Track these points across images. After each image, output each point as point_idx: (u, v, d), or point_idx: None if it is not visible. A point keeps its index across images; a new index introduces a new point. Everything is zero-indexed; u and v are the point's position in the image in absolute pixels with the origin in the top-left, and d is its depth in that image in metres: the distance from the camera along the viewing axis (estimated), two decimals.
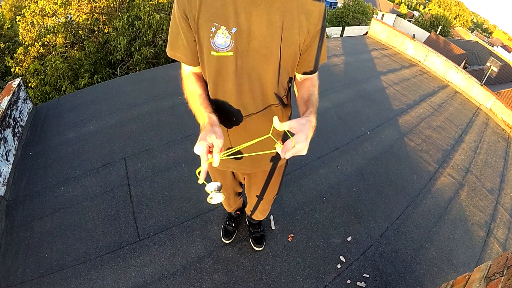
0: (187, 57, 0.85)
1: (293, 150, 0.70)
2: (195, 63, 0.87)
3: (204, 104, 0.83)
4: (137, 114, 3.01)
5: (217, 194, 0.74)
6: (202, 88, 0.88)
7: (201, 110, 0.81)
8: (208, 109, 0.81)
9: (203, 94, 0.86)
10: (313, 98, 0.88)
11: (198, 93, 0.86)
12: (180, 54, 0.85)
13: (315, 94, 0.90)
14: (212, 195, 0.74)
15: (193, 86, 0.88)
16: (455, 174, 3.17)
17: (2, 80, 8.47)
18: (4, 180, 2.15)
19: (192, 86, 0.88)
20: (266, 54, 0.80)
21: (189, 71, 0.91)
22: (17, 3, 11.90)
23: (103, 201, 2.09)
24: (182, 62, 0.88)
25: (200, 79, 0.91)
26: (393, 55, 6.37)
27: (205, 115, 0.78)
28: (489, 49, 20.61)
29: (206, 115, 0.78)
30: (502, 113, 5.13)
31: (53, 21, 6.56)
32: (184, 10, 0.76)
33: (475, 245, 2.40)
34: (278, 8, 0.76)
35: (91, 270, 1.68)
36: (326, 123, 3.32)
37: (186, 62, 0.87)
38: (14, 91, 2.68)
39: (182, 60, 0.87)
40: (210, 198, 0.74)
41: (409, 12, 34.07)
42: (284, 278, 1.75)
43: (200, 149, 0.68)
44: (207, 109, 0.81)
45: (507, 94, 11.73)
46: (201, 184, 0.69)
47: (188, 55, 0.85)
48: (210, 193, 0.74)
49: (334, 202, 2.33)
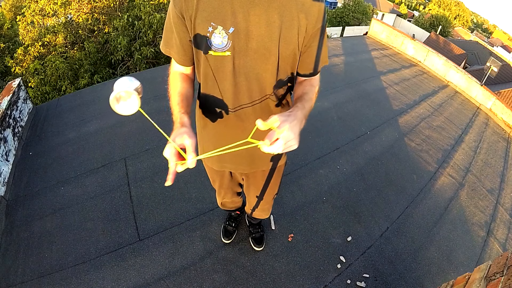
0: (180, 56, 0.86)
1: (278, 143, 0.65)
2: (187, 63, 0.88)
3: (181, 104, 0.81)
4: (137, 114, 2.98)
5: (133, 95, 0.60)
6: (184, 88, 0.87)
7: (176, 109, 0.80)
8: (183, 109, 0.79)
9: (183, 94, 0.85)
10: (306, 97, 0.85)
11: (179, 91, 0.85)
12: (174, 53, 0.86)
13: (309, 94, 0.87)
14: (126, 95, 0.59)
15: (176, 84, 0.88)
16: (455, 174, 3.17)
17: (2, 80, 8.48)
18: (4, 180, 2.15)
19: (175, 84, 0.88)
20: (265, 54, 0.80)
21: (178, 69, 0.91)
22: (17, 3, 11.91)
23: (103, 201, 2.09)
24: (174, 60, 0.89)
25: (186, 79, 0.90)
26: (393, 55, 6.37)
27: (177, 115, 0.77)
28: (489, 49, 20.61)
29: (178, 115, 0.77)
30: (502, 113, 5.12)
31: (53, 21, 6.56)
32: (181, 10, 0.75)
33: (475, 245, 2.40)
34: (277, 8, 0.75)
35: (91, 270, 1.68)
36: (326, 123, 3.32)
37: (178, 62, 0.88)
38: (14, 91, 2.68)
39: (175, 59, 0.88)
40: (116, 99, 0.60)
41: (409, 12, 34.09)
42: (284, 278, 1.75)
43: (168, 152, 0.66)
44: (182, 109, 0.79)
45: (507, 94, 11.73)
46: (168, 185, 0.65)
47: (181, 55, 0.85)
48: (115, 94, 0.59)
49: (334, 202, 2.33)
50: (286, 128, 0.65)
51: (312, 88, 0.90)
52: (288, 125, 0.65)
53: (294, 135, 0.66)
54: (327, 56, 0.95)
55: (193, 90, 0.91)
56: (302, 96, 0.85)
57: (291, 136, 0.65)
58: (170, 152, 0.66)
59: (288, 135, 0.65)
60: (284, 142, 0.65)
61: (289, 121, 0.66)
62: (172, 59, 0.89)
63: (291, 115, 0.70)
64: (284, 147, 0.66)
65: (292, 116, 0.69)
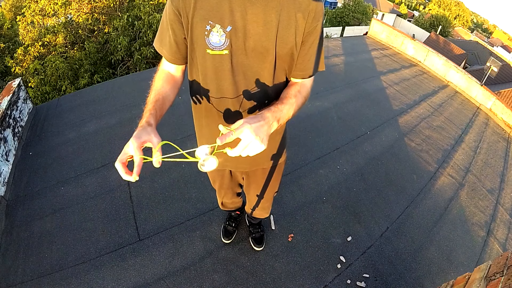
0: (172, 54, 0.85)
1: (238, 146, 0.64)
2: (178, 61, 0.87)
3: (154, 104, 0.80)
4: (137, 114, 3.00)
5: (210, 159, 0.65)
6: (164, 89, 0.86)
7: (148, 107, 0.80)
8: (154, 110, 0.78)
9: (161, 93, 0.84)
10: (287, 101, 0.81)
11: (158, 91, 0.85)
12: (165, 51, 0.86)
13: (292, 99, 0.83)
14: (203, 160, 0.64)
15: (159, 82, 0.87)
16: (455, 174, 3.17)
17: (2, 80, 8.48)
18: (4, 180, 2.15)
19: (158, 82, 0.88)
20: (262, 53, 0.80)
21: (166, 68, 0.91)
22: (17, 3, 11.91)
23: (103, 201, 2.09)
24: (165, 58, 0.88)
25: (171, 81, 0.89)
26: (393, 55, 6.37)
27: (147, 113, 0.77)
28: (489, 49, 20.62)
29: (148, 113, 0.76)
30: (502, 113, 5.12)
31: (53, 21, 6.56)
32: (178, 7, 0.75)
33: (475, 245, 2.40)
34: (274, 7, 0.75)
35: (91, 270, 1.68)
36: (326, 123, 3.32)
37: (169, 60, 0.88)
38: (14, 91, 2.68)
39: (165, 57, 0.88)
40: (202, 165, 0.65)
41: (409, 12, 34.08)
42: (284, 278, 1.75)
43: (130, 145, 0.65)
44: (153, 110, 0.78)
45: (507, 94, 11.73)
46: (134, 181, 0.64)
47: (173, 53, 0.85)
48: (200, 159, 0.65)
49: (334, 202, 2.33)
50: (245, 130, 0.64)
51: (298, 94, 0.86)
52: (248, 127, 0.64)
53: (258, 136, 0.65)
54: (323, 62, 0.92)
55: (174, 93, 0.89)
56: (283, 99, 0.83)
57: (251, 138, 0.64)
58: (135, 146, 0.64)
59: (248, 136, 0.64)
60: (244, 144, 0.64)
61: (250, 122, 0.66)
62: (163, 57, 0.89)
63: (256, 116, 0.70)
64: (245, 149, 0.65)
65: (257, 117, 0.69)
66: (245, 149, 0.65)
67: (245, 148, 0.65)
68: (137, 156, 0.64)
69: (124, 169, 0.65)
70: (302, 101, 0.87)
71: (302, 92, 0.88)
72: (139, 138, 0.66)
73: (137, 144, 0.65)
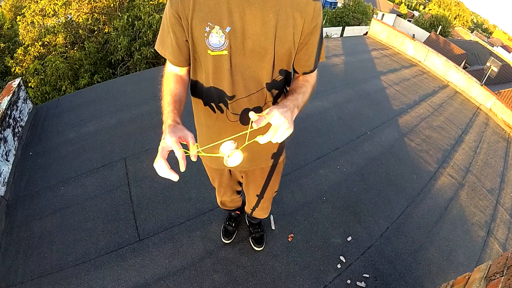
0: (175, 57, 0.86)
1: (270, 130, 0.68)
2: (182, 63, 0.88)
3: (173, 104, 0.81)
4: (137, 114, 3.01)
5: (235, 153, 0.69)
6: (177, 89, 0.87)
7: (168, 109, 0.80)
8: (176, 110, 0.80)
9: (176, 94, 0.85)
10: (299, 90, 0.87)
11: (171, 92, 0.85)
12: (168, 54, 0.86)
13: (302, 88, 0.88)
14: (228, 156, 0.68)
15: (169, 85, 0.88)
16: (455, 174, 3.17)
17: (2, 80, 8.48)
18: (4, 180, 2.15)
19: (168, 84, 0.88)
20: (260, 53, 0.81)
21: (172, 70, 0.91)
22: (17, 3, 11.91)
23: (103, 201, 2.09)
24: (169, 61, 0.89)
25: (179, 81, 0.90)
26: (393, 55, 6.37)
27: (170, 114, 0.77)
28: (489, 49, 20.60)
29: (171, 114, 0.77)
30: (502, 113, 5.12)
31: (53, 21, 6.57)
32: (177, 10, 0.76)
33: (475, 245, 2.40)
34: (272, 7, 0.76)
35: (91, 270, 1.68)
36: (326, 123, 3.32)
37: (173, 63, 0.88)
38: (14, 91, 2.68)
39: (169, 60, 0.88)
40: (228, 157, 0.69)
41: (409, 12, 34.08)
42: (284, 278, 1.75)
43: (169, 139, 0.66)
44: (175, 109, 0.79)
45: (507, 94, 11.72)
46: (175, 177, 0.66)
47: (176, 55, 0.85)
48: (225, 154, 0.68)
49: (334, 202, 2.33)
50: (275, 114, 0.68)
51: (306, 84, 0.91)
52: (277, 111, 0.68)
53: (286, 119, 0.68)
54: (323, 52, 0.96)
55: (186, 93, 0.91)
56: (295, 89, 0.87)
57: (281, 120, 0.68)
58: (174, 141, 0.66)
59: (278, 119, 0.68)
60: (275, 128, 0.68)
61: (277, 107, 0.70)
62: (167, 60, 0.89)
63: (279, 104, 0.74)
64: (278, 133, 0.68)
65: (280, 104, 0.74)
66: (276, 133, 0.68)
67: (276, 133, 0.68)
68: (179, 150, 0.65)
69: (168, 166, 0.67)
70: (310, 89, 0.92)
71: (309, 81, 0.93)
72: (175, 134, 0.68)
73: (175, 139, 0.67)
